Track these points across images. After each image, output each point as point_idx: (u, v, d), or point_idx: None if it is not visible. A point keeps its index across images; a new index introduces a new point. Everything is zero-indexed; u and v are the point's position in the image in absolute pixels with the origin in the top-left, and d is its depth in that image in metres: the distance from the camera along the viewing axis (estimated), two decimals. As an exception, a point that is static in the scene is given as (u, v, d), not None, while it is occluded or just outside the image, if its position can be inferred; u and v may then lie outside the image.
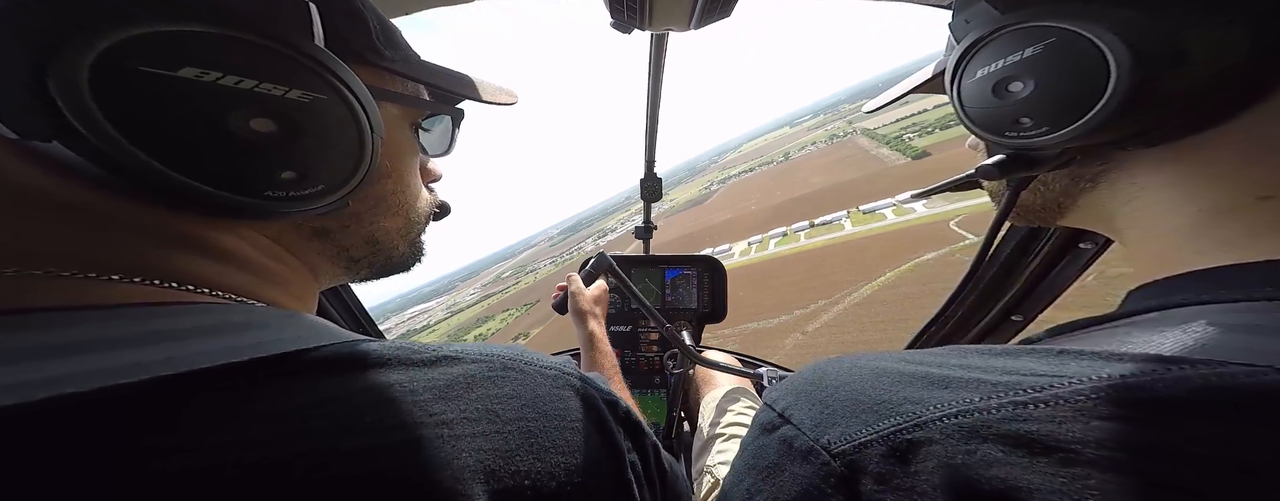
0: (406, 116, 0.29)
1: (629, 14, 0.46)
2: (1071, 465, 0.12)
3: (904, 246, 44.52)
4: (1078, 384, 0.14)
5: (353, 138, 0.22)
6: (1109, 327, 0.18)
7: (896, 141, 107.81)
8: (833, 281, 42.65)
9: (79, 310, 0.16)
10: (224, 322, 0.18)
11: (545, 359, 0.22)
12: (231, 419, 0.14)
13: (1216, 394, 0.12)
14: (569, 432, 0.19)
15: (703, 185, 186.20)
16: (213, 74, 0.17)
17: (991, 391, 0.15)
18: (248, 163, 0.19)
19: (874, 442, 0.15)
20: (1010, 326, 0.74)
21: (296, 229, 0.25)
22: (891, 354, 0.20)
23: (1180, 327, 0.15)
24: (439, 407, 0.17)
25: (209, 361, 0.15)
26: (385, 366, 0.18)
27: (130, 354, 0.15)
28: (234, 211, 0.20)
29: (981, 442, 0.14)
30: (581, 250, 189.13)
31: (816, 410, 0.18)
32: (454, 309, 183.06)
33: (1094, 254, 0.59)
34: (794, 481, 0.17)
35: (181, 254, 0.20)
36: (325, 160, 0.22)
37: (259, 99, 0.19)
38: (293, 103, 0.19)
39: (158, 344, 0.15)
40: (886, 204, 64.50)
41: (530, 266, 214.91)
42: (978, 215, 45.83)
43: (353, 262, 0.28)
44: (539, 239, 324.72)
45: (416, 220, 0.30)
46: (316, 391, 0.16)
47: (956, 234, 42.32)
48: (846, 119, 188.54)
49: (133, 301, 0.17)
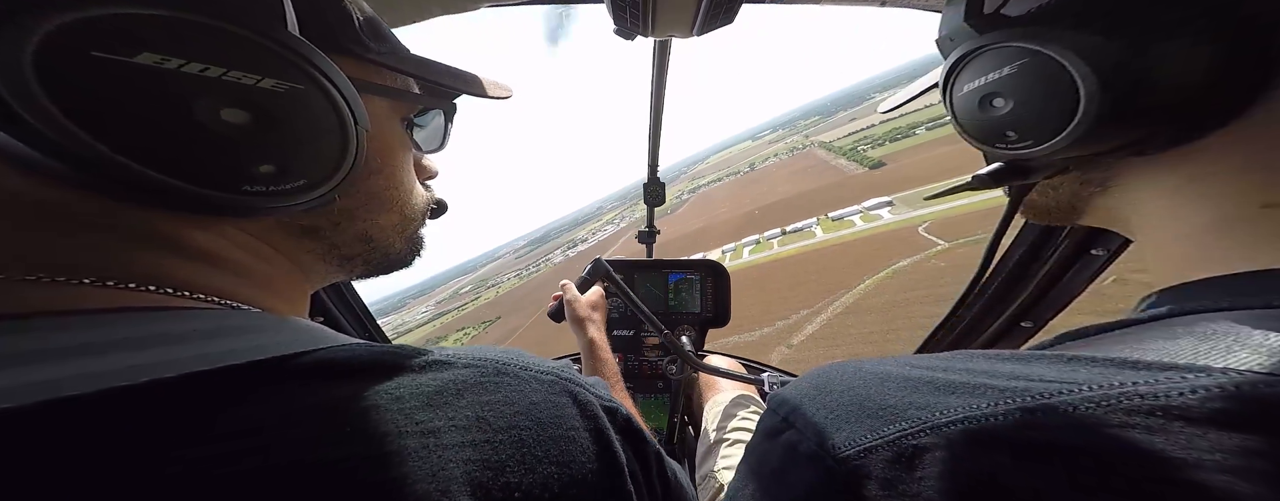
0: (397, 111, 0.28)
1: (632, 20, 0.46)
2: (1080, 472, 0.12)
3: (877, 253, 44.40)
4: (1087, 391, 0.13)
5: (335, 130, 0.21)
6: (1121, 333, 0.17)
7: (852, 152, 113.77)
8: (813, 289, 41.29)
9: (33, 317, 0.15)
10: (194, 330, 0.17)
11: (542, 363, 0.21)
12: (197, 431, 0.14)
13: (1233, 403, 0.12)
14: (564, 441, 0.18)
15: (674, 195, 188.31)
16: (175, 61, 0.16)
17: (999, 397, 0.14)
18: (221, 156, 0.18)
19: (879, 448, 0.15)
20: (1020, 332, 0.74)
21: (284, 227, 0.24)
22: (897, 359, 0.20)
23: (1195, 335, 0.15)
24: (425, 415, 0.16)
25: (175, 370, 0.15)
26: (371, 372, 0.17)
27: (81, 364, 0.14)
28: (213, 208, 0.19)
29: (989, 449, 0.13)
30: (549, 262, 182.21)
31: (821, 415, 0.18)
32: (401, 329, 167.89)
33: (1106, 261, 0.59)
34: (798, 486, 0.17)
35: (159, 255, 0.19)
36: (306, 154, 0.21)
37: (228, 88, 0.18)
38: (266, 92, 0.18)
39: (117, 352, 0.15)
40: (855, 211, 65.71)
41: (492, 280, 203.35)
42: (945, 221, 46.98)
43: (346, 260, 0.27)
44: (504, 251, 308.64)
45: (412, 216, 0.30)
46: (295, 400, 0.16)
47: (926, 239, 42.72)
48: (804, 133, 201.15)
49: (98, 307, 0.16)
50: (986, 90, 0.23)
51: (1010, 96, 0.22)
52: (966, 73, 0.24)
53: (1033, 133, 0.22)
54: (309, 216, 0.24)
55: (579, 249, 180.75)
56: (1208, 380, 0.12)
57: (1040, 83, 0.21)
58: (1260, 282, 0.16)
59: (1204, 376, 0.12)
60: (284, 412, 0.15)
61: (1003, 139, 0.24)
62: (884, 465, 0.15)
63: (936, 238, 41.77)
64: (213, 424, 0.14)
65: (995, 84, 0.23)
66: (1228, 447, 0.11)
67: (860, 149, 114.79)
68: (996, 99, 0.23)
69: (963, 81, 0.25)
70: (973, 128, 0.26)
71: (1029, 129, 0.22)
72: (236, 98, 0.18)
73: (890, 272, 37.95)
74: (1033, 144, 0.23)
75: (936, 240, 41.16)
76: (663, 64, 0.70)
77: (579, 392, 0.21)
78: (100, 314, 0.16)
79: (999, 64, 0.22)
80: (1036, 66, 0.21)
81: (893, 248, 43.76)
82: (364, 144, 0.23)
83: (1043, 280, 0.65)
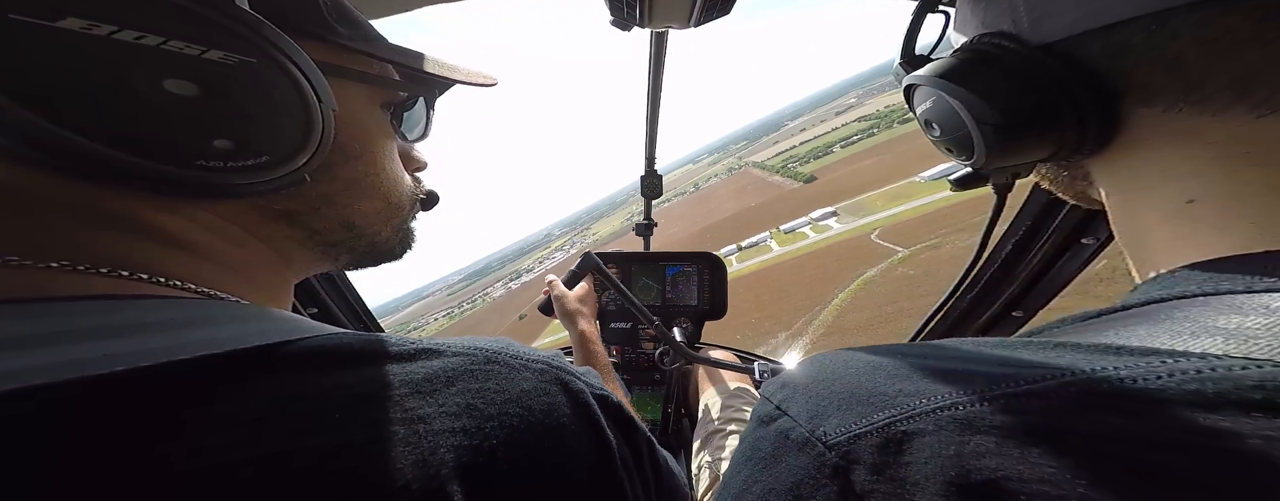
0: (375, 98, 0.28)
1: (629, 12, 0.46)
2: (1062, 455, 0.12)
3: (839, 264, 43.21)
4: (1072, 375, 0.14)
5: (295, 105, 0.21)
6: (1109, 320, 0.18)
7: (785, 169, 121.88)
8: (785, 307, 38.07)
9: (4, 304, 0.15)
10: (170, 318, 0.17)
11: (532, 352, 0.21)
12: (178, 422, 0.14)
13: (1211, 385, 0.12)
14: (555, 429, 0.19)
15: (623, 217, 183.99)
16: (104, 27, 0.16)
17: (986, 383, 0.15)
18: (170, 128, 0.18)
19: (868, 434, 0.16)
20: (1011, 322, 0.75)
21: (259, 211, 0.23)
22: (888, 347, 0.20)
23: (1178, 320, 0.15)
24: (415, 403, 0.16)
25: (150, 360, 0.14)
26: (358, 361, 0.17)
27: (53, 352, 0.14)
28: (172, 186, 0.19)
29: (974, 434, 0.14)
30: (486, 296, 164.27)
31: (813, 403, 0.19)
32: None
33: (1096, 249, 0.60)
34: (790, 471, 0.17)
35: (125, 238, 0.19)
36: (263, 129, 0.20)
37: (171, 58, 0.17)
38: (214, 64, 0.18)
39: (88, 341, 0.14)
40: (804, 222, 66.49)
41: (415, 323, 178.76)
42: (894, 226, 47.80)
43: (330, 248, 0.27)
44: (435, 288, 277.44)
45: (398, 204, 0.29)
46: (279, 388, 0.16)
47: (882, 246, 42.50)
48: (736, 156, 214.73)
49: (60, 294, 0.16)
50: (923, 117, 0.27)
51: (936, 123, 0.26)
52: (912, 100, 0.29)
53: (963, 152, 0.26)
54: (285, 200, 0.23)
55: (525, 278, 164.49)
56: (1186, 364, 0.13)
57: (947, 116, 0.25)
58: (1242, 268, 0.16)
59: (1183, 361, 0.13)
60: (266, 402, 0.15)
61: (950, 153, 0.28)
62: (873, 450, 0.15)
63: (893, 244, 41.66)
64: (210, 409, 0.14)
65: (925, 112, 0.27)
66: (1204, 428, 0.12)
67: (790, 166, 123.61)
68: (932, 124, 0.27)
69: (914, 104, 0.29)
70: (931, 140, 0.29)
71: (959, 149, 0.26)
72: (181, 68, 0.17)
73: (861, 284, 36.19)
74: (966, 159, 0.26)
75: (894, 247, 40.98)
76: (660, 56, 0.70)
77: (570, 381, 0.21)
78: (72, 301, 0.16)
79: (921, 99, 0.27)
80: (940, 104, 0.25)
81: (852, 257, 42.84)
82: (330, 123, 0.22)
83: (1033, 270, 0.67)
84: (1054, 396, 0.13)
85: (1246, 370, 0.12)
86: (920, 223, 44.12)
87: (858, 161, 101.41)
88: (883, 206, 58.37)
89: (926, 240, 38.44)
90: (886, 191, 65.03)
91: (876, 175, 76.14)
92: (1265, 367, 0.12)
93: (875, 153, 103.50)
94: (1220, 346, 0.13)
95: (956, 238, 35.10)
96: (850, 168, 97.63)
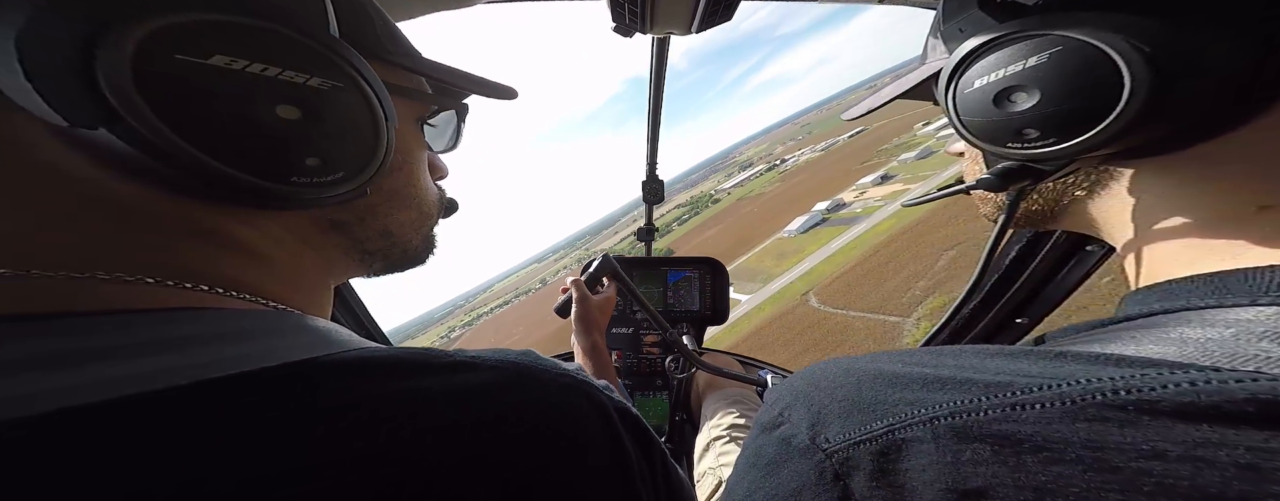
0: (412, 111, 0.29)
1: (631, 17, 0.48)
2: (1057, 464, 0.12)
3: (785, 335, 28.53)
4: (1069, 386, 0.14)
5: (368, 124, 0.23)
6: (1110, 331, 0.18)
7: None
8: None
9: (94, 317, 0.16)
10: (238, 329, 0.18)
11: (558, 365, 0.22)
12: (236, 430, 0.15)
13: (1208, 398, 0.12)
14: (580, 441, 0.19)
15: (445, 332, 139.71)
16: (241, 62, 0.18)
17: (984, 392, 0.15)
18: (276, 149, 0.20)
19: (868, 441, 0.16)
20: (1015, 329, 0.74)
21: (315, 222, 0.25)
22: (889, 354, 0.20)
23: (1179, 332, 0.15)
24: (453, 413, 0.17)
25: (220, 370, 0.16)
26: (401, 372, 0.18)
27: (136, 364, 0.15)
28: (264, 199, 0.21)
29: (972, 442, 0.14)
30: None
31: (815, 410, 0.19)
32: None
33: (1101, 257, 0.59)
34: (791, 478, 0.17)
35: (209, 250, 0.20)
36: (345, 147, 0.22)
37: (283, 86, 0.19)
38: (314, 90, 0.20)
39: (162, 355, 0.16)
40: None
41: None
42: (828, 288, 37.93)
43: (367, 255, 0.28)
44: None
45: (428, 212, 0.31)
46: (330, 398, 0.16)
47: (819, 311, 30.58)
48: (584, 247, 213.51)
49: (145, 307, 0.17)
50: (1005, 84, 0.22)
51: (1037, 90, 0.21)
52: (978, 67, 0.23)
53: (1057, 130, 0.21)
54: (336, 211, 0.25)
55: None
56: (1183, 376, 0.13)
57: (1077, 75, 0.20)
58: (1244, 282, 0.16)
59: (1181, 372, 0.13)
60: (316, 411, 0.16)
61: (1018, 138, 0.23)
62: (872, 457, 0.15)
63: (832, 308, 30.26)
64: (312, 408, 0.16)
65: (1017, 77, 0.21)
66: (1200, 440, 0.12)
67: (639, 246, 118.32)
68: (1017, 93, 0.21)
69: (973, 77, 0.23)
70: (981, 127, 0.24)
71: (1053, 126, 0.21)
72: (290, 95, 0.20)
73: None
74: (1055, 142, 0.21)
75: (831, 310, 29.51)
76: (661, 62, 0.71)
77: (594, 394, 0.22)
78: (163, 312, 0.17)
79: (1024, 55, 0.21)
80: (1073, 55, 0.20)
81: (797, 327, 29.18)
82: (394, 139, 0.24)
83: (1037, 278, 0.66)
84: (1051, 406, 0.14)
85: (1240, 383, 0.12)
86: (851, 281, 35.27)
87: (707, 229, 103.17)
88: (779, 267, 51.55)
89: (853, 309, 28.15)
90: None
91: (706, 247, 72.38)
92: (1261, 381, 0.12)
93: (712, 224, 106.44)
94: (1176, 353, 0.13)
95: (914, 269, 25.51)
96: (701, 236, 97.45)
